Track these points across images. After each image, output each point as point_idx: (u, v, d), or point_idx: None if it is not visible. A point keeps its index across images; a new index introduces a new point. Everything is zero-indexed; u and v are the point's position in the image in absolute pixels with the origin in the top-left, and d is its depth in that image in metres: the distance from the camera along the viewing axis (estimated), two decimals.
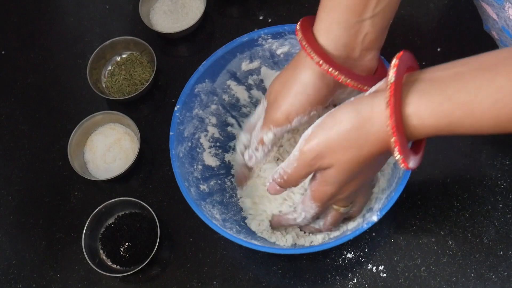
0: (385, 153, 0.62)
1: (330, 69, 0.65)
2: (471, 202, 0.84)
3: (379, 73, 0.71)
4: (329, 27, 0.66)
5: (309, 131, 0.63)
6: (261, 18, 1.01)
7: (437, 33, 0.97)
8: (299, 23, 0.68)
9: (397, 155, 0.58)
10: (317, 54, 0.66)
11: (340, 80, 0.66)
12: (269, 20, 1.01)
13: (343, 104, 0.61)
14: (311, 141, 0.62)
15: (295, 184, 0.67)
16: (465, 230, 0.83)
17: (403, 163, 0.59)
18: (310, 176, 0.67)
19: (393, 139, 0.57)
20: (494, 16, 0.74)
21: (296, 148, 0.64)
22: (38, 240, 0.89)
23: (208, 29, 1.02)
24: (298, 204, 0.72)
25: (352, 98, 0.62)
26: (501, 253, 0.81)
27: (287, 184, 0.67)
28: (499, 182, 0.85)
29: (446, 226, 0.83)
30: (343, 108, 0.61)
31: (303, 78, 0.68)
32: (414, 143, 0.63)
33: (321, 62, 0.65)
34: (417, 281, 0.81)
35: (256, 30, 0.82)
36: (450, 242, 0.82)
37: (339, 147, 0.61)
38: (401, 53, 0.58)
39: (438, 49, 0.96)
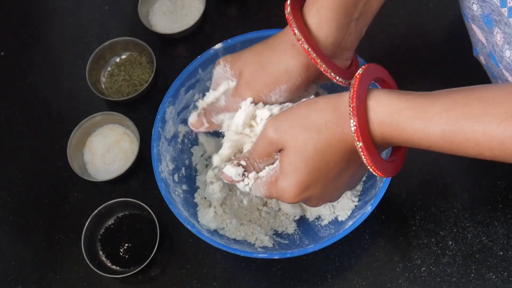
0: (347, 158, 0.62)
1: (318, 60, 0.65)
2: (471, 202, 0.84)
3: (354, 70, 0.72)
4: (320, 24, 0.66)
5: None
6: (260, 18, 1.01)
7: (437, 33, 0.97)
8: (289, 8, 0.67)
9: (358, 144, 0.58)
10: (309, 45, 0.65)
11: (326, 73, 0.67)
12: (269, 21, 1.01)
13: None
14: (276, 116, 0.64)
15: (257, 160, 0.66)
16: (465, 230, 0.83)
17: (363, 151, 0.58)
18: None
19: (353, 122, 0.58)
20: (483, 40, 0.74)
21: None
22: (37, 241, 0.89)
23: (207, 29, 1.02)
24: (251, 177, 0.69)
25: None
26: (501, 253, 0.81)
27: (250, 162, 0.67)
28: (499, 182, 0.85)
29: (446, 226, 0.83)
30: (315, 97, 0.64)
31: (288, 67, 0.67)
32: (393, 153, 0.65)
33: (314, 56, 0.65)
34: (417, 281, 0.81)
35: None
36: (450, 242, 0.82)
37: (298, 124, 0.61)
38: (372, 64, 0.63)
39: (438, 49, 0.96)
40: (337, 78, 0.67)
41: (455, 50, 0.94)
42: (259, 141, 0.65)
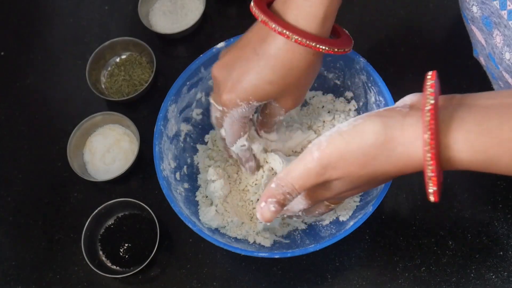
0: (398, 175, 0.58)
1: (322, 47, 0.63)
2: (471, 202, 0.84)
3: (346, 38, 0.69)
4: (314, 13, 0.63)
5: (321, 138, 0.57)
6: None
7: (437, 33, 0.97)
8: (254, 6, 0.64)
9: (431, 188, 0.53)
10: (311, 39, 0.63)
11: (332, 52, 0.64)
12: None
13: (369, 114, 0.56)
14: (326, 148, 0.56)
15: (299, 191, 0.59)
16: (465, 230, 0.83)
17: (435, 196, 0.53)
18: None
19: (430, 168, 0.52)
20: (483, 41, 0.74)
21: (301, 155, 0.58)
22: (37, 241, 0.89)
23: (207, 29, 1.02)
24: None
25: (381, 109, 0.57)
26: (501, 253, 0.81)
27: (292, 196, 0.60)
28: (499, 182, 0.85)
29: (446, 226, 0.83)
30: (368, 119, 0.55)
31: (274, 53, 0.64)
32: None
33: (322, 48, 0.63)
34: (417, 281, 0.81)
35: None
36: (450, 242, 0.82)
37: (355, 161, 0.56)
38: (434, 72, 0.54)
39: (438, 49, 0.96)
40: (346, 49, 0.65)
41: (455, 50, 0.94)
42: (306, 177, 0.58)
